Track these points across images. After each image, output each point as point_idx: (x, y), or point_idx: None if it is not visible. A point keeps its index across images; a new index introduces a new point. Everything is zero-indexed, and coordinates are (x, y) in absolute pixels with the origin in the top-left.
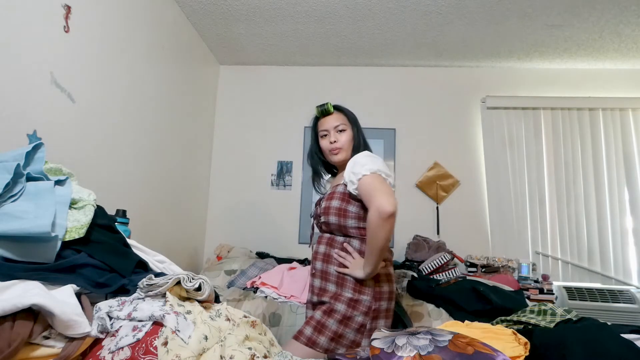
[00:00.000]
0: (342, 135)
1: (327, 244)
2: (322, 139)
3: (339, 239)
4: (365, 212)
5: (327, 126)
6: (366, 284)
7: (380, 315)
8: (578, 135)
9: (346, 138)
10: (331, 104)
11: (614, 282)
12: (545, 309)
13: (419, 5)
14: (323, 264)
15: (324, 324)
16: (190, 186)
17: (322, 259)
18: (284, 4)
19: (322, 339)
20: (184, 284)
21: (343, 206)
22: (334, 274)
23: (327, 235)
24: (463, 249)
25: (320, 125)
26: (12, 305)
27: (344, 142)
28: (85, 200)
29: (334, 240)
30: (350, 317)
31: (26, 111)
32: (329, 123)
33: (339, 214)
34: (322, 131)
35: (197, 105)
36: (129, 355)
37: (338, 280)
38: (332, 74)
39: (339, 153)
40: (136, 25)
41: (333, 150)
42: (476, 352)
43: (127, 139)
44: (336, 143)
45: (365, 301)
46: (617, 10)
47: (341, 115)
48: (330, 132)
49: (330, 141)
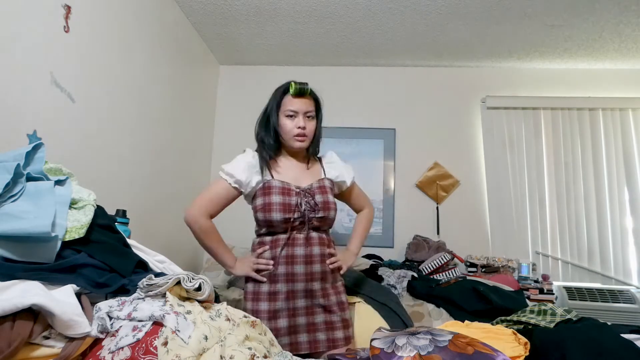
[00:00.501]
0: (310, 122)
1: (320, 244)
2: (286, 119)
3: (324, 236)
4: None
5: (297, 107)
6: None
7: None
8: (578, 135)
9: (313, 127)
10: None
11: (614, 282)
12: (545, 309)
13: (419, 5)
14: (322, 265)
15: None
16: (190, 186)
17: (320, 261)
18: (284, 4)
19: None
20: (184, 284)
21: (335, 201)
22: (328, 271)
23: (316, 235)
24: (463, 249)
25: (290, 104)
26: (12, 305)
27: (310, 130)
28: (85, 200)
29: (324, 240)
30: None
31: (26, 111)
32: (301, 106)
33: (335, 209)
34: (290, 111)
35: (197, 105)
36: (129, 355)
37: (333, 277)
38: (332, 74)
39: (304, 141)
40: (136, 25)
41: (299, 135)
42: (476, 352)
43: (127, 138)
44: (305, 130)
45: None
46: (617, 10)
47: (313, 102)
48: (299, 115)
49: (299, 126)
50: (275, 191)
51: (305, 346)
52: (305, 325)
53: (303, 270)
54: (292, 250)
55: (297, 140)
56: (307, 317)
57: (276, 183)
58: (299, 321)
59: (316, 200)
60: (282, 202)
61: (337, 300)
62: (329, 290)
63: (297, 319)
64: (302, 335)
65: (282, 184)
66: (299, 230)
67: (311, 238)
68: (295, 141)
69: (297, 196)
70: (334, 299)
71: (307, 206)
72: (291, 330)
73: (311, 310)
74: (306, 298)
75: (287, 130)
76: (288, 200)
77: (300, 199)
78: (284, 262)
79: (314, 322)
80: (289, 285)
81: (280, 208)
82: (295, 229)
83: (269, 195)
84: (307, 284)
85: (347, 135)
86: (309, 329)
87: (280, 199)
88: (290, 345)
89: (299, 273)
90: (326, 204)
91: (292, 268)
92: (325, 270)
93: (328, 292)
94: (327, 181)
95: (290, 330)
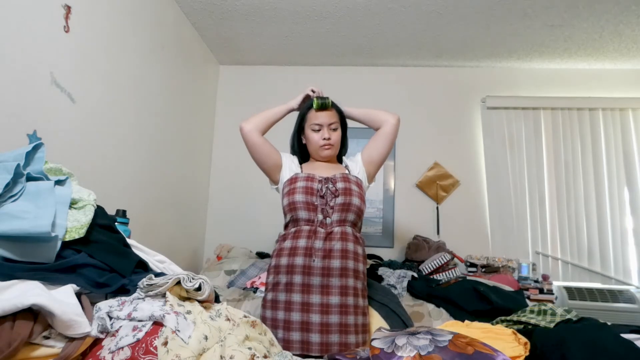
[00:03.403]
0: (335, 133)
1: (342, 239)
2: (312, 132)
3: (348, 232)
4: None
5: (321, 121)
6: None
7: None
8: (578, 135)
9: (337, 137)
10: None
11: (614, 282)
12: (545, 309)
13: (419, 5)
14: (342, 261)
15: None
16: (190, 186)
17: (340, 256)
18: (284, 4)
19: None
20: (184, 284)
21: (362, 192)
22: (351, 269)
23: (338, 230)
24: (463, 249)
25: (314, 118)
26: (12, 305)
27: (335, 140)
28: (85, 200)
29: (347, 235)
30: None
31: (26, 111)
32: (325, 119)
33: (362, 199)
34: (315, 125)
35: (197, 105)
36: (129, 355)
37: (355, 275)
38: (332, 74)
39: (330, 150)
40: (136, 25)
41: (325, 145)
42: (476, 352)
43: (127, 138)
44: (330, 140)
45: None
46: (617, 10)
47: (336, 114)
48: (324, 128)
49: (325, 137)
50: (300, 179)
51: (316, 347)
52: (319, 324)
53: (320, 265)
54: (311, 242)
55: (325, 149)
56: (322, 316)
57: (302, 175)
58: (313, 318)
59: (337, 186)
60: (305, 186)
61: (354, 303)
62: (349, 290)
63: (311, 315)
64: (315, 335)
65: (307, 175)
66: (321, 224)
67: (332, 232)
68: (323, 150)
69: (319, 183)
70: (351, 300)
71: (327, 191)
72: (304, 327)
73: (326, 309)
74: (322, 295)
75: (314, 142)
76: (310, 185)
77: (322, 185)
78: (302, 253)
79: (328, 323)
80: (305, 278)
81: (303, 191)
82: (317, 222)
83: (295, 182)
84: (323, 279)
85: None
86: (322, 329)
87: (304, 183)
88: (301, 344)
89: (316, 267)
90: (348, 190)
91: (309, 260)
92: (346, 267)
93: (347, 292)
94: (351, 176)
95: (302, 326)
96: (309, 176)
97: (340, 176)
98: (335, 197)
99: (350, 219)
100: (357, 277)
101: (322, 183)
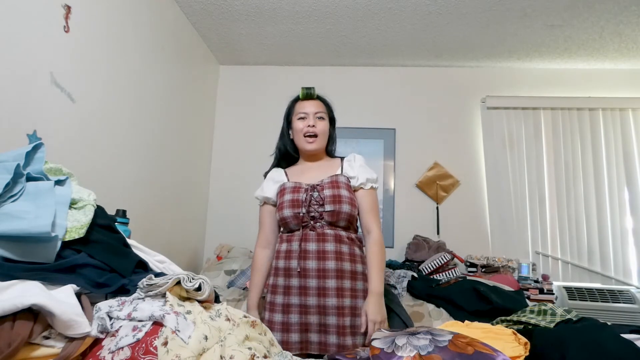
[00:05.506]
0: (321, 123)
1: (336, 240)
2: (298, 121)
3: (341, 233)
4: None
5: (307, 109)
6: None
7: None
8: (578, 135)
9: (324, 127)
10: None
11: (614, 282)
12: (545, 309)
13: (419, 6)
14: (337, 263)
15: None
16: (190, 186)
17: (335, 258)
18: (284, 4)
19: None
20: (184, 284)
21: (352, 197)
22: (348, 270)
23: (331, 232)
24: (463, 249)
25: (300, 107)
26: (12, 305)
27: (321, 129)
28: (85, 200)
29: (341, 237)
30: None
31: (26, 111)
32: (310, 107)
33: (352, 204)
34: (301, 113)
35: (197, 105)
36: (129, 355)
37: (353, 276)
38: (332, 74)
39: (314, 142)
40: (136, 25)
41: (309, 133)
42: (476, 352)
43: (127, 138)
44: (314, 128)
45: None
46: (617, 10)
47: (322, 104)
48: (310, 116)
49: (309, 124)
50: (287, 191)
51: (315, 347)
52: (317, 325)
53: (315, 266)
54: (305, 245)
55: (308, 142)
56: (320, 317)
57: (289, 184)
58: (311, 319)
59: (324, 194)
60: (291, 199)
61: (351, 304)
62: (346, 292)
63: (309, 317)
64: (314, 334)
65: (294, 184)
66: (312, 227)
67: (325, 234)
68: (306, 143)
69: (305, 192)
70: (348, 302)
71: (314, 201)
72: (302, 328)
73: (323, 310)
74: (318, 296)
75: (299, 130)
76: (297, 197)
77: (308, 194)
78: (296, 256)
79: (326, 324)
80: (302, 280)
81: (290, 205)
82: (309, 226)
83: (282, 195)
84: (319, 280)
85: (347, 135)
86: (320, 329)
87: (291, 196)
88: (300, 344)
89: (312, 269)
90: (336, 197)
91: (304, 263)
92: (341, 269)
93: (344, 293)
94: (341, 177)
95: (301, 327)
96: (295, 186)
97: (328, 181)
98: (322, 205)
99: (342, 224)
100: (356, 279)
101: (307, 192)
